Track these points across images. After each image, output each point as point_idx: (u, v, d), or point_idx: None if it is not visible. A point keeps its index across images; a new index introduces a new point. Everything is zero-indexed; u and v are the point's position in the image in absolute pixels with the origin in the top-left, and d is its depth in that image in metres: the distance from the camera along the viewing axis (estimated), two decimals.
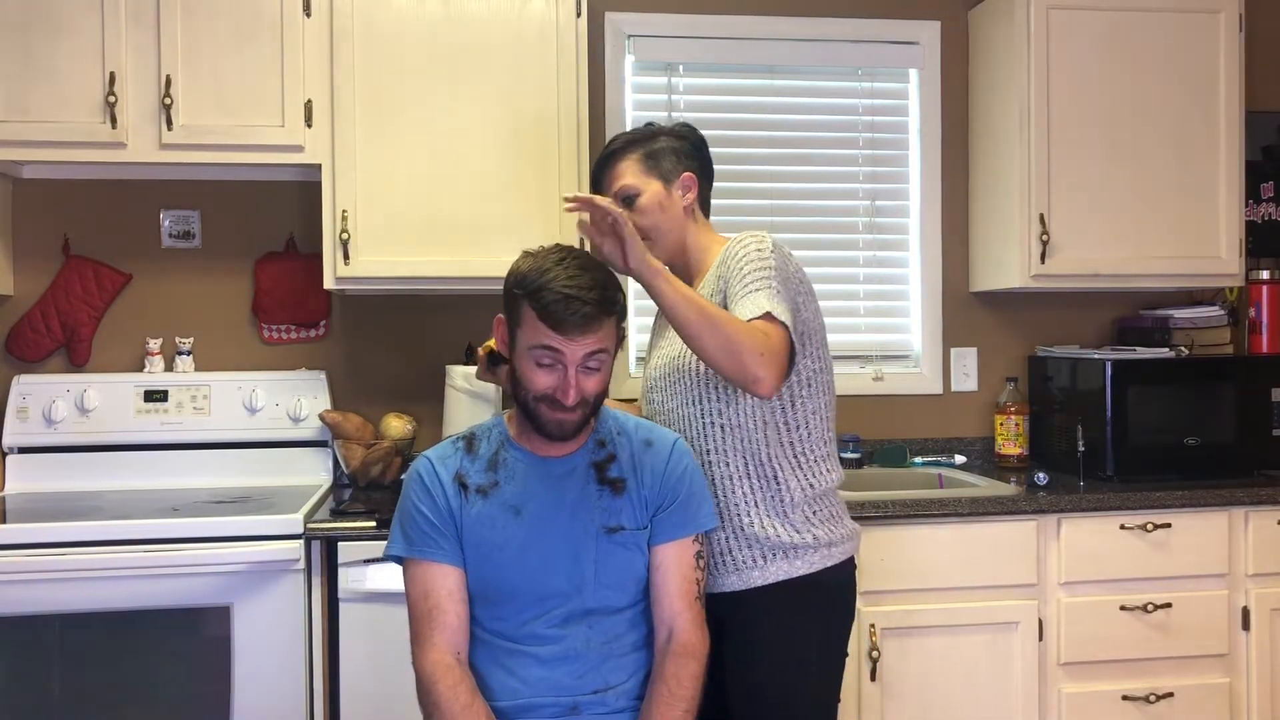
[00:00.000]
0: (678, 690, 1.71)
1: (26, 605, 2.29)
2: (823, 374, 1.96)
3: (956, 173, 3.30)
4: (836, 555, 1.92)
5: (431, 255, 2.71)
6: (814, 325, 1.94)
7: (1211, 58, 3.02)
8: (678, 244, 2.05)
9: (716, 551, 1.91)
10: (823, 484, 1.94)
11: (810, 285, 1.96)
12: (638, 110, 3.20)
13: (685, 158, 2.07)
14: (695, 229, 2.07)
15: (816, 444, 1.94)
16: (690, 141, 2.10)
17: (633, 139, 2.09)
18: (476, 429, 1.84)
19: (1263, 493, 2.71)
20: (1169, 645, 2.67)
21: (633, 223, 1.86)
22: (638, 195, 2.03)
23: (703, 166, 2.11)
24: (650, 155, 2.06)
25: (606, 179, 2.09)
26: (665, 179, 2.05)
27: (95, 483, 2.83)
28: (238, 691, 2.35)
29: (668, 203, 2.04)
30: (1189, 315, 3.15)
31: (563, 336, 1.67)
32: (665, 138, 2.08)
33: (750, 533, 1.89)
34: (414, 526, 1.75)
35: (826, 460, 1.96)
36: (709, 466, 1.91)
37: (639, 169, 2.06)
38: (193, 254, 3.02)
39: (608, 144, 2.13)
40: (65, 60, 2.60)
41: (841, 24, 3.23)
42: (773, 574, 1.88)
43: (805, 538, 1.89)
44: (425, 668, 1.70)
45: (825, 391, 1.96)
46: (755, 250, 1.87)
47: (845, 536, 1.96)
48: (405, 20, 2.70)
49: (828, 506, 1.95)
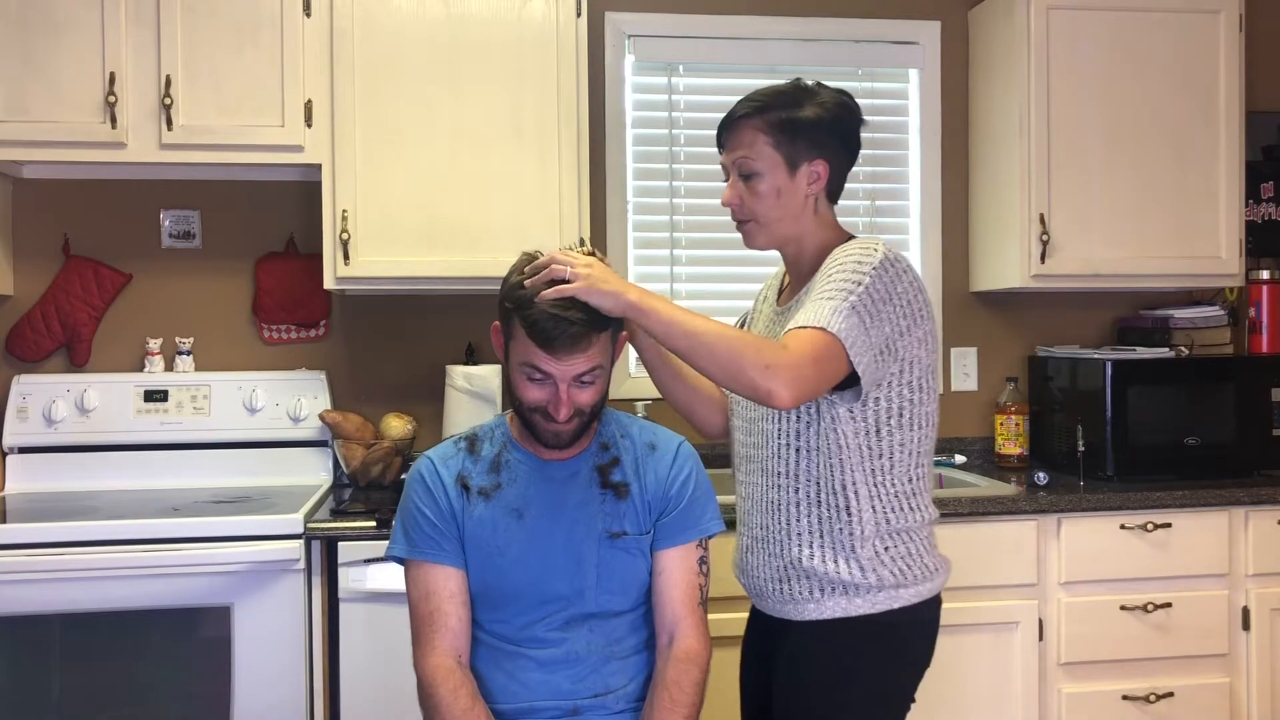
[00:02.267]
0: (679, 696, 1.70)
1: (26, 605, 2.29)
2: (920, 406, 1.75)
3: (956, 172, 3.30)
4: (906, 598, 1.74)
5: (431, 255, 2.71)
6: (915, 355, 1.71)
7: (1211, 58, 3.02)
8: (788, 236, 1.81)
9: (773, 578, 1.80)
10: (902, 521, 1.75)
11: (924, 310, 1.72)
12: (638, 110, 3.20)
13: (827, 136, 1.77)
14: (815, 223, 1.81)
15: (900, 479, 1.75)
16: (838, 117, 1.78)
17: (771, 100, 1.77)
18: (479, 429, 1.83)
19: (1263, 493, 2.71)
20: (1169, 645, 2.67)
21: (745, 201, 1.76)
22: (755, 175, 1.77)
23: (845, 147, 1.80)
24: (784, 126, 1.75)
25: (728, 141, 1.81)
26: (791, 161, 1.76)
27: (95, 483, 2.83)
28: (238, 691, 2.34)
29: (787, 188, 1.77)
30: (1189, 315, 3.15)
31: (551, 357, 1.63)
32: (812, 106, 1.76)
33: (807, 566, 1.75)
34: (416, 527, 1.74)
35: (912, 497, 1.76)
36: (777, 490, 1.78)
37: (765, 140, 1.76)
38: (193, 254, 3.02)
39: (745, 97, 1.81)
40: (65, 60, 2.60)
41: (841, 24, 3.23)
42: (829, 610, 1.74)
43: (869, 578, 1.72)
44: (426, 670, 1.69)
45: (920, 425, 1.76)
46: (854, 263, 1.67)
47: (920, 578, 1.76)
48: (405, 20, 2.70)
49: (905, 544, 1.75)
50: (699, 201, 3.21)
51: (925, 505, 1.79)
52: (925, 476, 1.80)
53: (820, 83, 1.83)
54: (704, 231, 3.21)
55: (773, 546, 1.80)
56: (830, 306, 1.63)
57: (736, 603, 2.39)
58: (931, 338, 1.75)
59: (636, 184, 3.20)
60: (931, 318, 1.75)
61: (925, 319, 1.73)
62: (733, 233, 1.87)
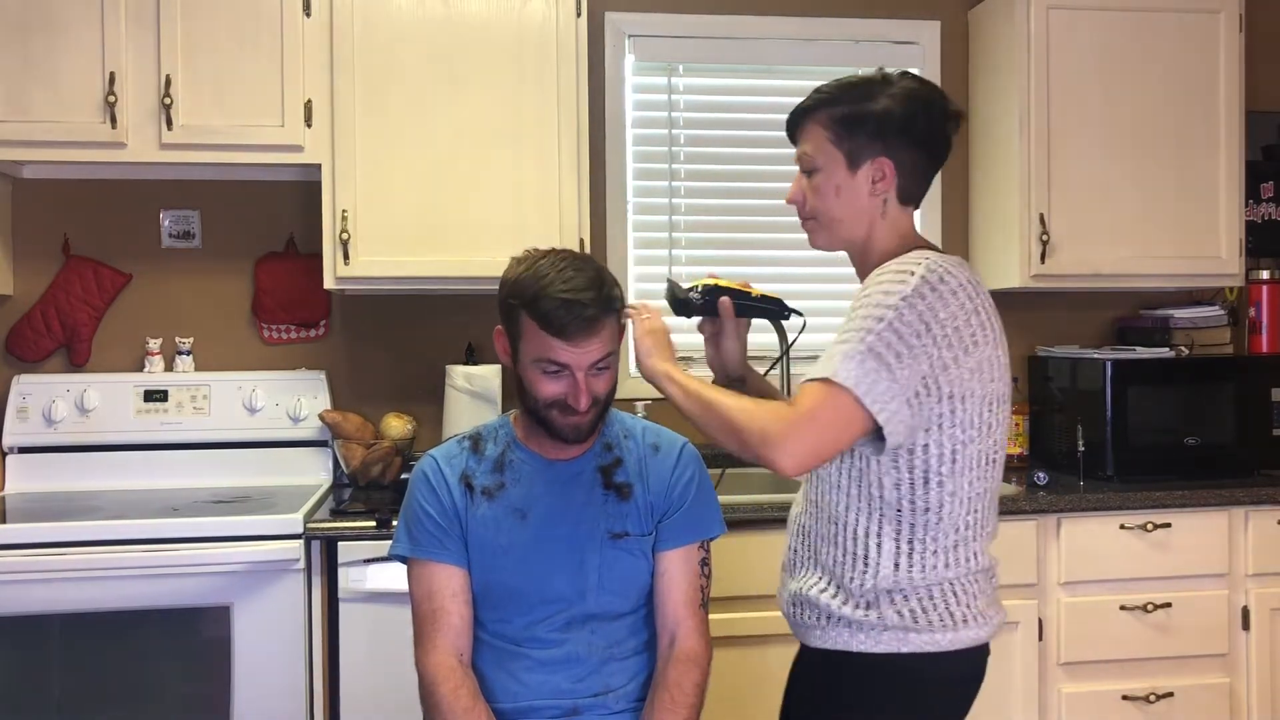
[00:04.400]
0: (680, 698, 1.70)
1: (26, 605, 2.29)
2: (974, 445, 1.57)
3: (956, 172, 3.30)
4: (919, 644, 1.57)
5: (431, 255, 2.71)
6: (969, 387, 1.54)
7: (1211, 58, 3.02)
8: (851, 239, 1.68)
9: (788, 601, 1.72)
10: (933, 576, 1.58)
11: (980, 335, 1.56)
12: (638, 110, 3.20)
13: (893, 133, 1.63)
14: (884, 226, 1.66)
15: (945, 532, 1.57)
16: (909, 111, 1.63)
17: (837, 93, 1.66)
18: (482, 429, 1.83)
19: (1263, 493, 2.71)
20: (1169, 645, 2.67)
21: (807, 199, 1.68)
22: (815, 170, 1.67)
23: (917, 144, 1.65)
24: (847, 121, 1.63)
25: (796, 135, 1.71)
26: (852, 158, 1.64)
27: (95, 483, 2.83)
28: (238, 691, 2.34)
29: (847, 186, 1.64)
30: (1189, 315, 3.15)
31: (568, 344, 1.63)
32: (885, 98, 1.63)
33: (810, 596, 1.65)
34: (419, 526, 1.74)
35: (953, 550, 1.59)
36: (807, 515, 1.70)
37: (825, 136, 1.65)
38: (193, 254, 3.02)
39: (817, 88, 1.70)
40: (65, 60, 2.60)
41: (841, 24, 3.23)
42: (832, 640, 1.62)
43: (871, 616, 1.58)
44: (428, 669, 1.69)
45: (975, 465, 1.58)
46: (881, 293, 1.53)
47: (940, 625, 1.58)
48: (405, 20, 2.70)
49: (927, 596, 1.58)
50: (699, 201, 3.20)
51: (971, 555, 1.61)
52: (980, 523, 1.62)
53: (906, 72, 1.70)
54: (704, 232, 3.21)
55: (794, 570, 1.72)
56: (842, 351, 1.50)
57: (737, 603, 2.40)
58: (991, 364, 1.57)
59: (636, 184, 3.20)
60: (993, 340, 1.58)
61: (983, 344, 1.56)
62: (733, 233, 1.85)
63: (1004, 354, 1.62)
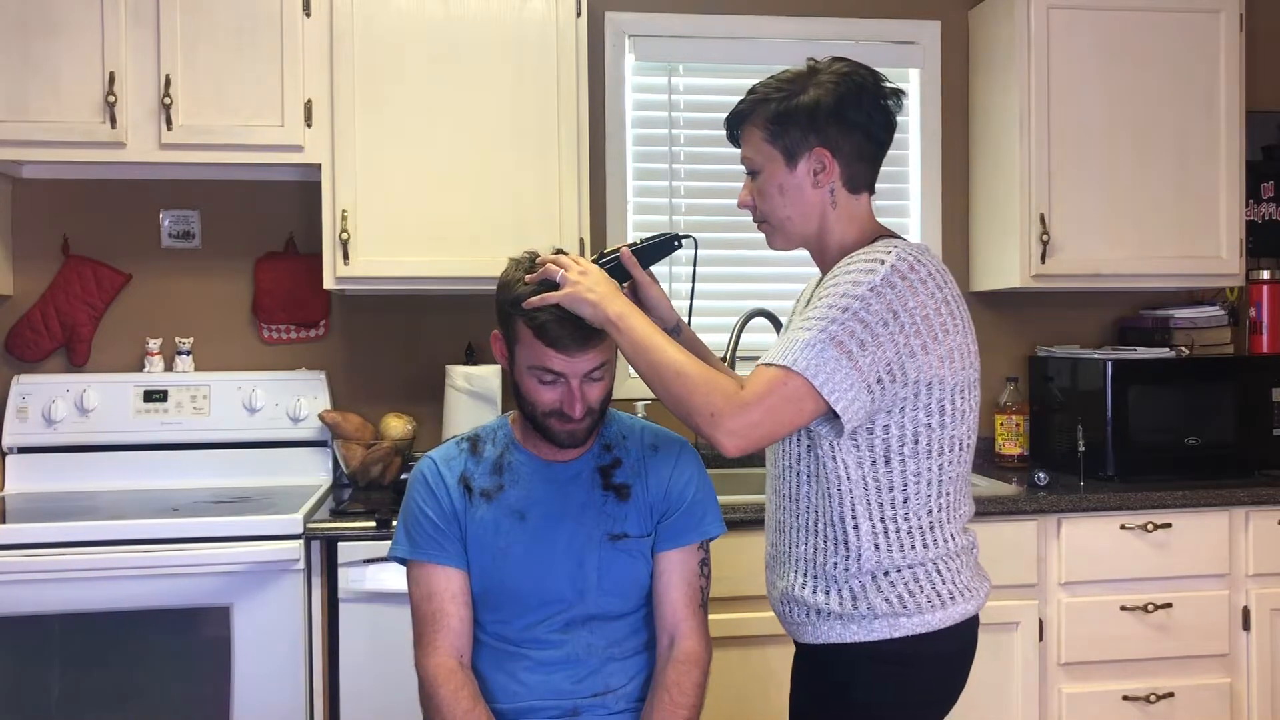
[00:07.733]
0: (680, 698, 1.70)
1: (26, 605, 2.29)
2: (942, 430, 1.59)
3: (956, 172, 3.30)
4: (911, 627, 1.60)
5: (431, 255, 2.71)
6: (936, 374, 1.55)
7: (1211, 58, 3.02)
8: (805, 235, 1.69)
9: (777, 599, 1.75)
10: (914, 556, 1.61)
11: (949, 324, 1.57)
12: (638, 110, 3.20)
13: (826, 122, 1.61)
14: (837, 217, 1.66)
15: (916, 512, 1.60)
16: (840, 97, 1.61)
17: (767, 91, 1.66)
18: (481, 430, 1.83)
19: (1263, 493, 2.71)
20: (1169, 645, 2.67)
21: (756, 202, 1.68)
22: (758, 172, 1.68)
23: (854, 128, 1.63)
24: (779, 117, 1.63)
25: (739, 140, 1.72)
26: (789, 153, 1.64)
27: (95, 483, 2.83)
28: (238, 691, 2.34)
29: (789, 183, 1.65)
30: (1189, 315, 3.15)
31: (562, 355, 1.63)
32: (813, 88, 1.62)
33: (798, 595, 1.67)
34: (418, 528, 1.74)
35: (930, 531, 1.61)
36: (783, 512, 1.71)
37: (761, 136, 1.65)
38: (192, 254, 3.02)
39: (750, 90, 1.70)
40: (65, 60, 2.60)
41: (841, 24, 3.23)
42: (824, 635, 1.65)
43: (860, 607, 1.61)
44: (428, 671, 1.69)
45: (943, 451, 1.60)
46: (850, 282, 1.53)
47: (928, 606, 1.61)
48: (405, 20, 2.70)
49: (911, 579, 1.61)
50: (699, 201, 3.20)
51: (948, 537, 1.63)
52: (952, 505, 1.64)
53: (837, 58, 1.69)
54: (704, 231, 3.20)
55: (777, 568, 1.74)
56: (803, 339, 1.52)
57: (737, 603, 2.40)
58: (960, 353, 1.58)
59: (636, 184, 3.20)
60: (962, 329, 1.59)
61: (951, 333, 1.56)
62: (733, 233, 1.85)
63: (973, 341, 1.64)
